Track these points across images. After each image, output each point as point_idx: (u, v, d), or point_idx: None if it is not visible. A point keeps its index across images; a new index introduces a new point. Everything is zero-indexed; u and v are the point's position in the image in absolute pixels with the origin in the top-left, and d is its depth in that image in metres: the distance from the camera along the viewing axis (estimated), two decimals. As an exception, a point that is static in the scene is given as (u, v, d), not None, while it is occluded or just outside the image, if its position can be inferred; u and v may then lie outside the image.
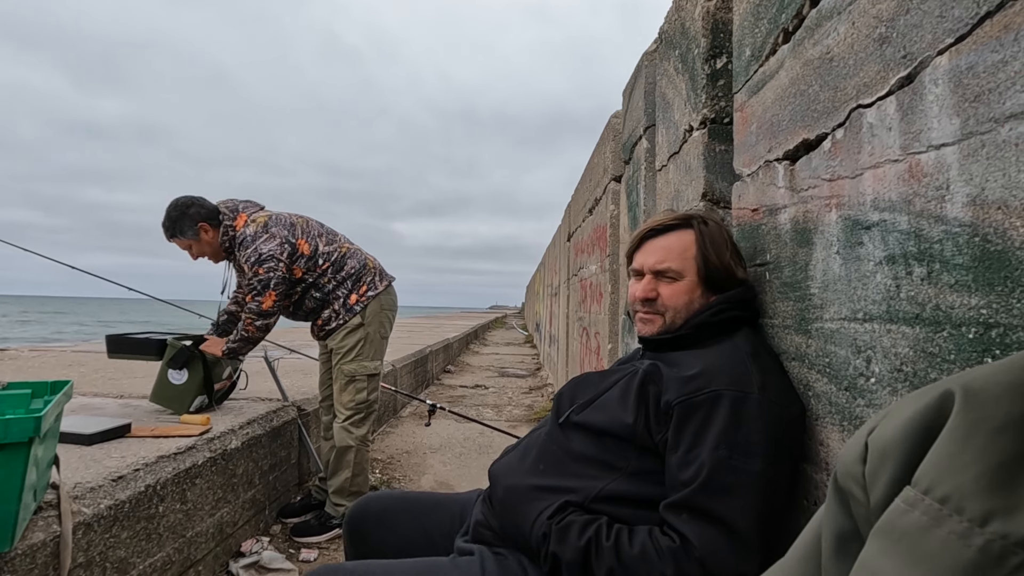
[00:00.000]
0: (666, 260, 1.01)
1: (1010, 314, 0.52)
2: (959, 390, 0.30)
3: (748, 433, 0.79)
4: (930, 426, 0.30)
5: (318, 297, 2.29)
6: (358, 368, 2.28)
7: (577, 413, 0.94)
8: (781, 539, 0.84)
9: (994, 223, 0.53)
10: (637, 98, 2.19)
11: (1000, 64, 0.52)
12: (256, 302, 2.12)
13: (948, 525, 0.26)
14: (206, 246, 2.22)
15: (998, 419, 0.28)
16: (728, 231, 1.05)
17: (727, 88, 1.35)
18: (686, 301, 0.99)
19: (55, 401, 1.20)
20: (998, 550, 0.25)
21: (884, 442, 0.32)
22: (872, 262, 0.71)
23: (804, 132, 0.88)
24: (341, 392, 2.28)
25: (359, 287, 2.31)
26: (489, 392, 5.86)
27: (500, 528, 0.93)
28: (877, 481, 0.31)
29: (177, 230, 2.17)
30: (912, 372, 0.64)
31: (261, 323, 2.15)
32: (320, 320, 2.32)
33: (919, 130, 0.63)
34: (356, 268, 2.33)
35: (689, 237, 1.01)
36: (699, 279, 0.99)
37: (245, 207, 2.28)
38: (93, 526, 1.32)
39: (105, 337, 2.23)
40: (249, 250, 2.12)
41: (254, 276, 2.11)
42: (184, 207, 2.16)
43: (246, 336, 2.16)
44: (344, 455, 2.27)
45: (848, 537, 0.34)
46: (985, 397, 0.29)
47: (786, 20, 0.94)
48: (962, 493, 0.27)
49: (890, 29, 0.68)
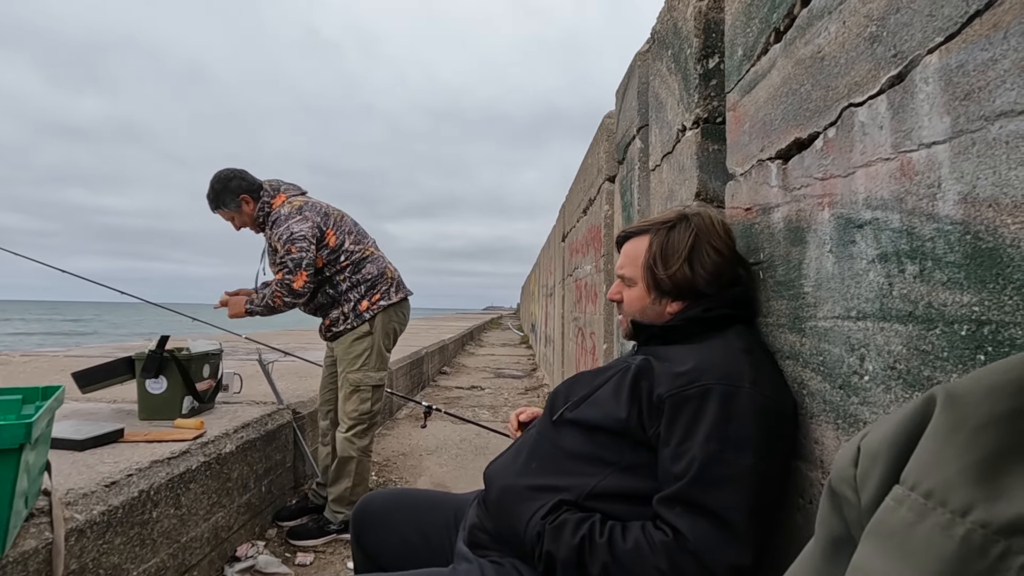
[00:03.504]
0: (624, 266, 1.05)
1: (1002, 311, 0.52)
2: (941, 393, 0.31)
3: (739, 427, 0.79)
4: (916, 428, 0.31)
5: (331, 294, 2.28)
6: (363, 378, 2.27)
7: (571, 410, 0.94)
8: (773, 533, 0.85)
9: (985, 221, 0.53)
10: (630, 98, 2.19)
11: (990, 62, 0.52)
12: (288, 279, 2.13)
13: (932, 518, 0.27)
14: (247, 218, 2.25)
15: (980, 417, 0.28)
16: (721, 233, 1.00)
17: (720, 88, 1.35)
18: (639, 308, 1.02)
19: (46, 407, 1.19)
20: (979, 539, 0.25)
21: (874, 445, 0.32)
22: (865, 260, 0.71)
23: (796, 131, 0.88)
24: (345, 401, 2.27)
25: (372, 294, 2.30)
26: (485, 393, 5.85)
27: (495, 530, 0.93)
28: (868, 482, 0.32)
29: (221, 202, 2.22)
30: (905, 370, 0.64)
31: (290, 300, 2.16)
32: (328, 320, 2.31)
33: (910, 128, 0.63)
34: (373, 274, 2.31)
35: (643, 244, 1.02)
36: (647, 287, 1.01)
37: (286, 189, 2.31)
38: (86, 532, 1.30)
39: (72, 375, 2.14)
40: (281, 228, 2.15)
41: (286, 255, 2.13)
42: (226, 180, 2.20)
43: (271, 305, 2.17)
44: (346, 465, 2.26)
45: (840, 541, 0.34)
46: (966, 399, 0.29)
47: (777, 20, 0.94)
48: (945, 487, 0.27)
49: (881, 28, 0.68)
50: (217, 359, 2.42)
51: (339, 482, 2.26)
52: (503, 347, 12.62)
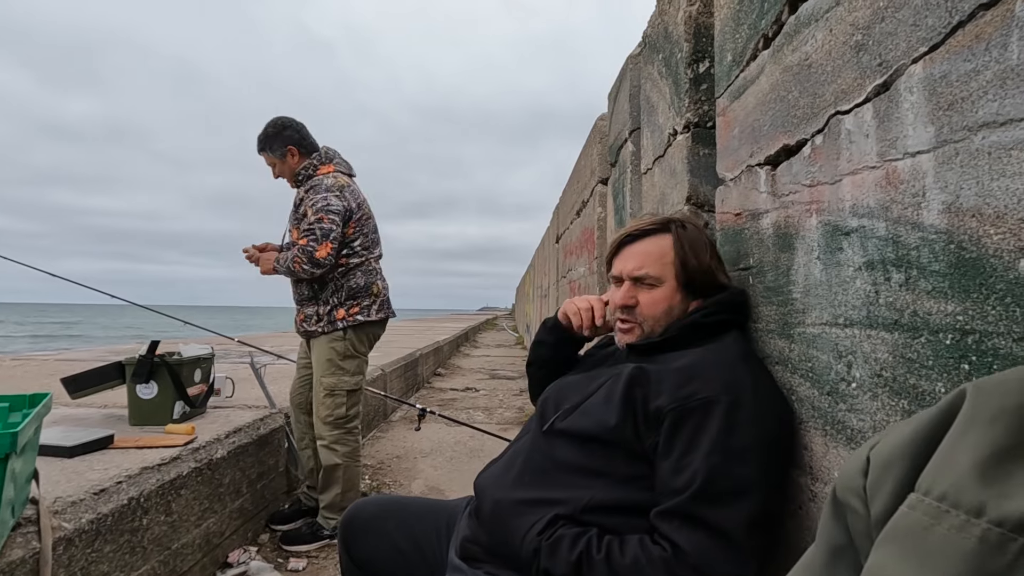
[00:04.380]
0: (644, 266, 1.00)
1: (985, 321, 0.52)
2: (971, 387, 0.30)
3: (741, 439, 0.79)
4: (938, 431, 0.31)
5: (315, 288, 2.23)
6: (337, 382, 2.21)
7: (562, 420, 0.93)
8: (774, 544, 0.85)
9: (969, 230, 0.54)
10: (622, 101, 2.20)
11: (972, 73, 0.53)
12: (311, 247, 2.10)
13: (947, 520, 0.27)
14: (288, 169, 2.26)
15: (991, 411, 0.28)
16: (708, 235, 1.05)
17: (710, 92, 1.36)
18: (665, 308, 0.99)
19: (33, 415, 1.18)
20: (996, 538, 0.25)
21: (887, 454, 0.32)
22: (852, 267, 0.72)
23: (785, 138, 0.88)
24: (320, 405, 2.22)
25: (351, 305, 2.23)
26: (480, 395, 5.84)
27: (489, 544, 0.92)
28: (879, 492, 0.32)
29: (268, 145, 2.23)
30: (892, 377, 0.64)
31: (309, 268, 2.12)
32: (302, 315, 2.28)
33: (895, 137, 0.63)
34: (359, 286, 2.25)
35: (667, 242, 1.00)
36: (678, 284, 0.99)
37: (338, 163, 2.31)
38: (74, 541, 1.29)
39: (60, 381, 2.11)
40: (319, 196, 2.15)
41: (317, 223, 2.11)
42: (281, 127, 2.22)
43: (291, 269, 2.16)
44: (333, 472, 2.22)
45: (841, 550, 0.34)
46: (986, 393, 0.29)
47: (766, 26, 0.94)
48: (958, 488, 0.27)
49: (866, 37, 0.68)
50: (209, 363, 2.41)
51: (328, 490, 2.23)
52: (498, 348, 12.61)
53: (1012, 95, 0.49)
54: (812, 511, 0.82)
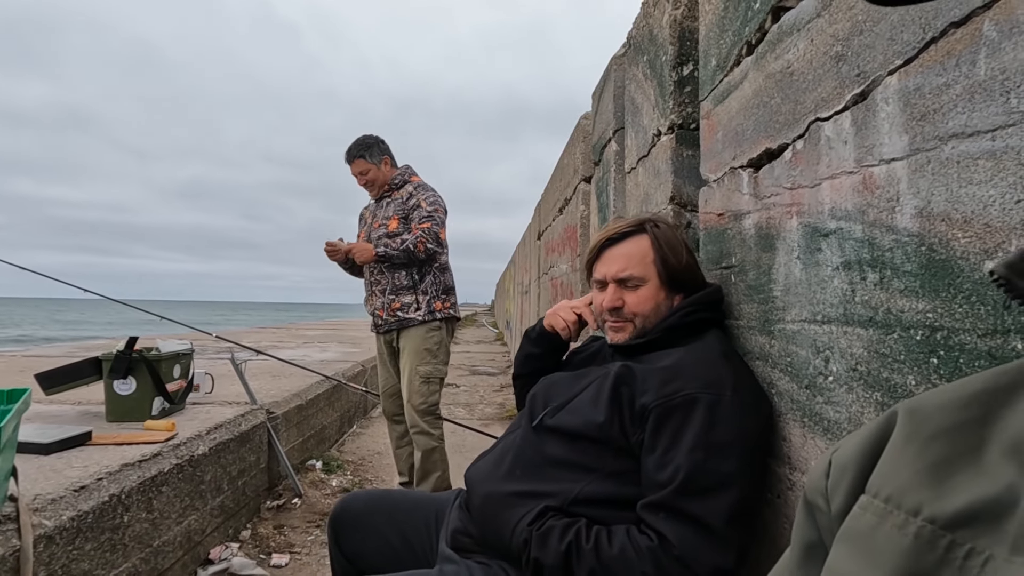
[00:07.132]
0: (627, 268, 1.03)
1: (953, 318, 0.56)
2: (901, 409, 0.35)
3: (722, 434, 0.82)
4: (878, 442, 0.35)
5: (415, 278, 2.41)
6: (433, 370, 2.40)
7: (551, 416, 0.96)
8: (754, 532, 0.89)
9: (939, 234, 0.57)
10: (606, 101, 2.22)
11: (944, 87, 0.56)
12: (436, 229, 2.35)
13: (891, 520, 0.30)
14: (382, 176, 2.48)
15: (930, 429, 0.32)
16: (682, 233, 1.10)
17: (694, 95, 1.39)
18: (653, 306, 1.02)
19: (13, 411, 1.16)
20: (928, 534, 0.28)
21: (843, 458, 0.36)
22: (830, 267, 0.75)
23: (767, 142, 0.92)
24: (414, 393, 2.38)
25: (447, 299, 2.48)
26: (461, 391, 5.85)
27: (480, 536, 0.94)
28: (837, 493, 0.35)
29: (367, 152, 2.45)
30: (866, 371, 0.68)
31: (432, 247, 2.35)
32: (398, 303, 2.41)
33: (872, 144, 0.67)
34: (449, 284, 2.51)
35: (645, 242, 1.04)
36: (661, 281, 1.03)
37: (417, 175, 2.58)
38: (55, 539, 1.27)
39: (35, 377, 2.07)
40: (430, 193, 2.45)
41: (435, 211, 2.39)
42: (377, 140, 2.50)
43: (411, 250, 2.31)
44: (431, 456, 2.38)
45: (813, 547, 0.37)
46: (921, 413, 0.33)
47: (749, 33, 0.97)
48: (901, 491, 0.31)
49: (846, 48, 0.72)
50: (188, 359, 2.38)
51: (430, 476, 2.38)
52: (478, 344, 12.61)
53: (979, 108, 0.52)
54: (791, 499, 0.86)
